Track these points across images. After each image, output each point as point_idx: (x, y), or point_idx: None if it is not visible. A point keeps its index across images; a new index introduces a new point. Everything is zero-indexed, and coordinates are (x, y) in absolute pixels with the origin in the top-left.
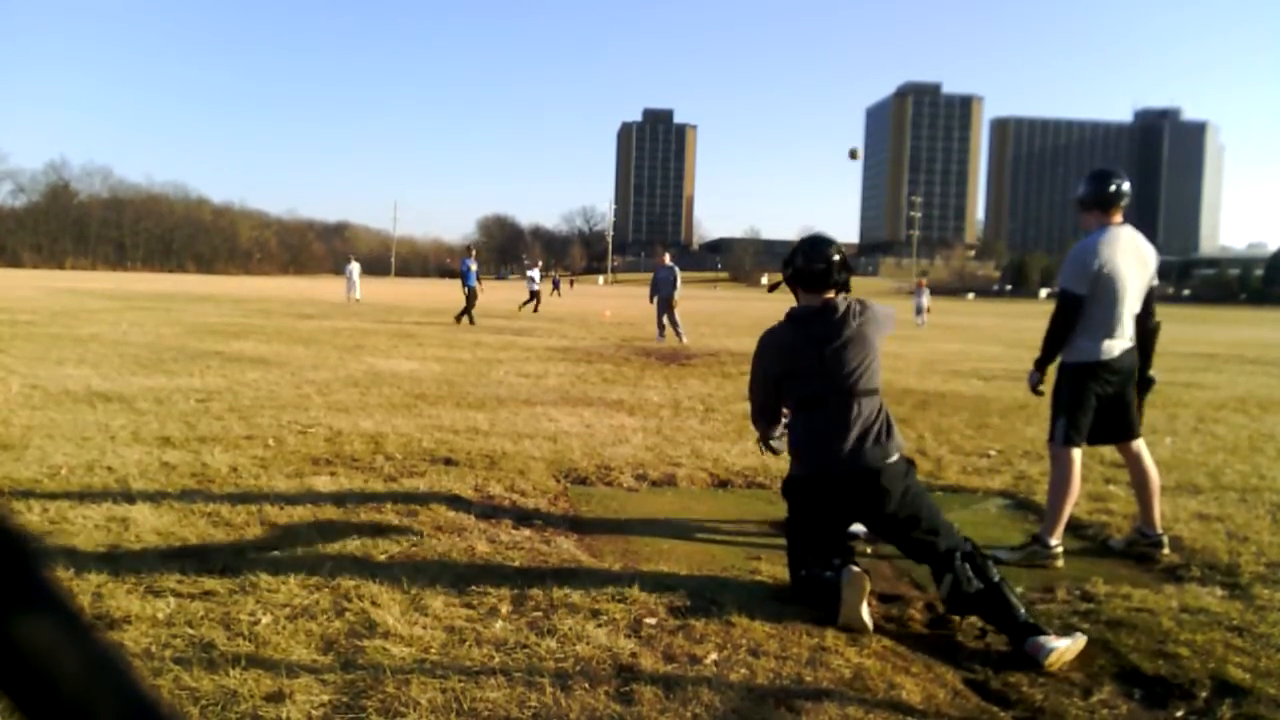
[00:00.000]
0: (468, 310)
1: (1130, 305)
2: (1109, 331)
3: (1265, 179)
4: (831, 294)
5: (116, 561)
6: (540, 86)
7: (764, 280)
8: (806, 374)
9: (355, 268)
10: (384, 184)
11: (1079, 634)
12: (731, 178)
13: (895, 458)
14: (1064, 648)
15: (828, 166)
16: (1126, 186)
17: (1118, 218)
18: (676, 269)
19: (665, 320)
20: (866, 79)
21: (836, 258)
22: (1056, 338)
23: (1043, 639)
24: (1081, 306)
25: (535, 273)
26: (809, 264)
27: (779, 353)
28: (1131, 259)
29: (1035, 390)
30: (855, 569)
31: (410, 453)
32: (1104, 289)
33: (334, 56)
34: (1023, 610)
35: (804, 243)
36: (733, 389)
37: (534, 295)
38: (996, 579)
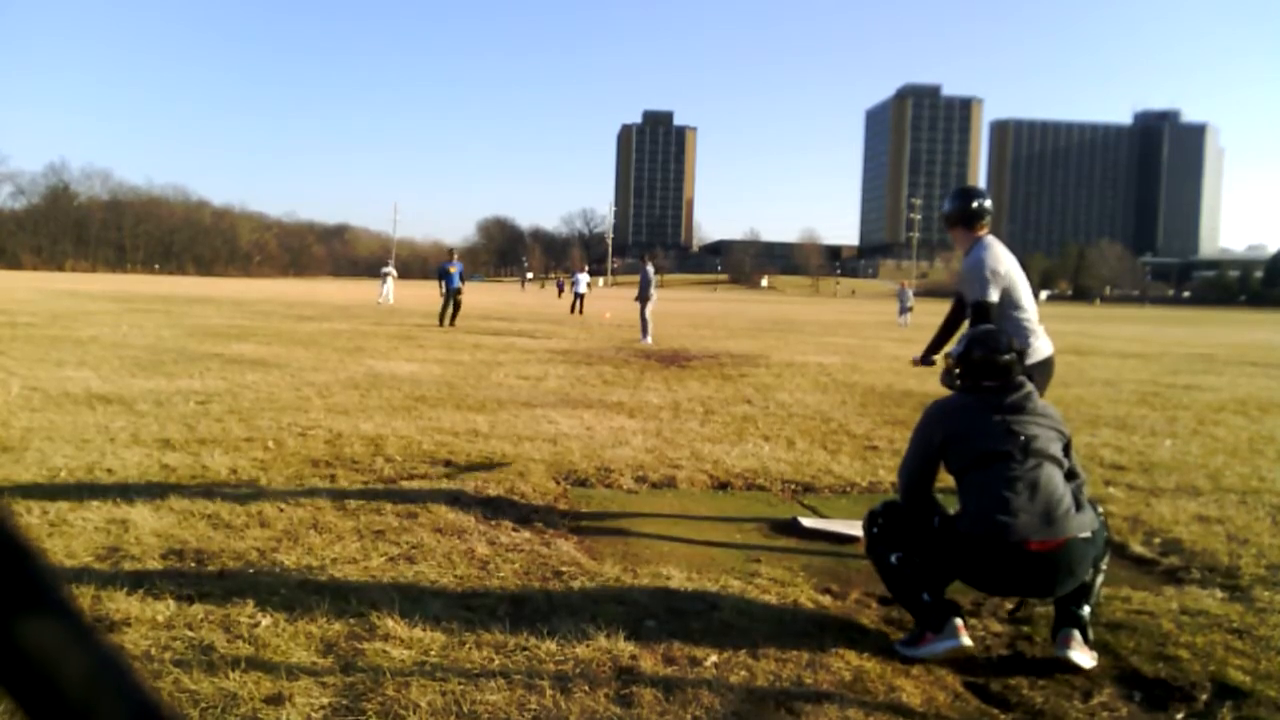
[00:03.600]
0: (443, 311)
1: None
2: (1037, 331)
3: (1265, 181)
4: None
5: (116, 564)
6: (540, 89)
7: (764, 282)
8: (981, 434)
9: (391, 272)
10: (384, 186)
11: (1095, 657)
12: (731, 180)
13: (1089, 533)
14: (1080, 661)
15: (828, 168)
16: (988, 204)
17: (982, 232)
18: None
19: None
20: (866, 81)
21: (1013, 354)
22: (951, 334)
23: (1074, 642)
24: (992, 312)
25: (583, 276)
26: (991, 355)
27: (945, 417)
28: (1015, 263)
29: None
30: (967, 640)
31: (410, 455)
32: (1010, 292)
33: (334, 58)
34: (1089, 608)
35: (978, 335)
36: (732, 391)
37: (578, 298)
38: (1104, 566)
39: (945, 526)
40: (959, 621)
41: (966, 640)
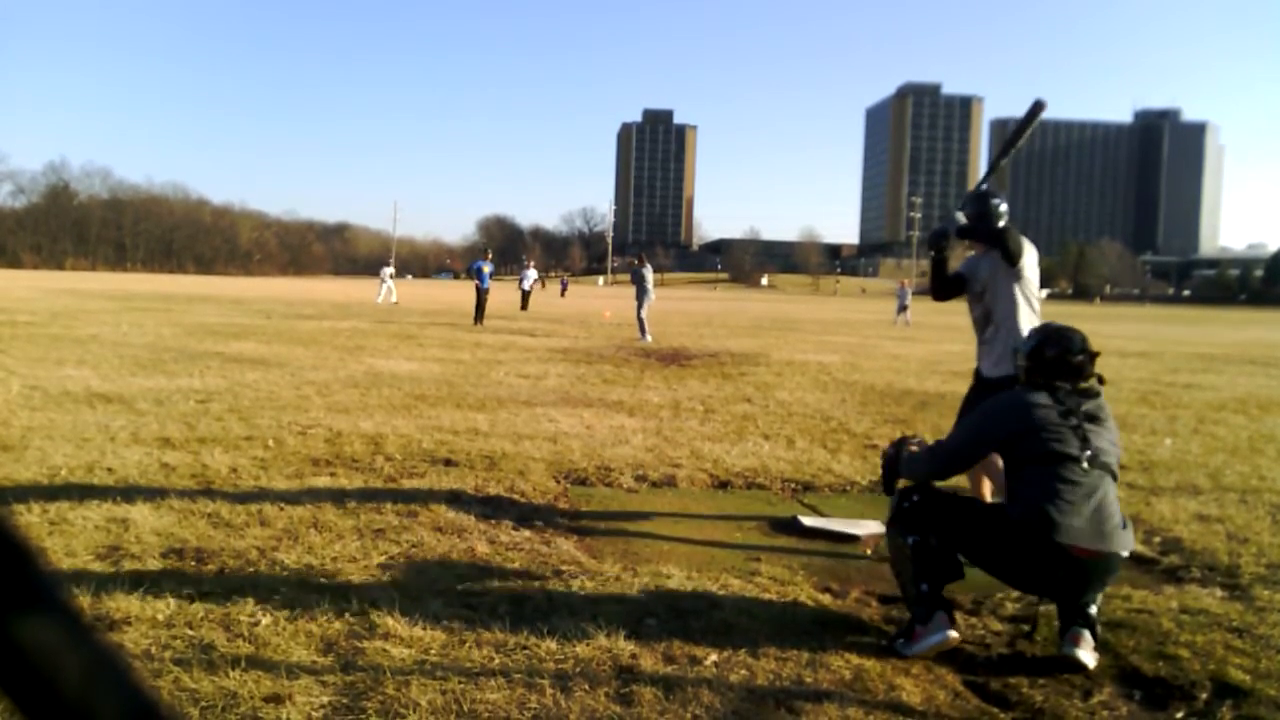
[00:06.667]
0: (478, 310)
1: None
2: None
3: (1265, 179)
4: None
5: (116, 562)
6: (540, 87)
7: (764, 281)
8: (1052, 433)
9: (389, 271)
10: (384, 185)
11: (1097, 656)
12: (731, 178)
13: (1128, 552)
14: (1088, 661)
15: (828, 167)
16: (1005, 207)
17: None
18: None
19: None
20: (867, 79)
21: (1086, 354)
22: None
23: (1084, 641)
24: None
25: (530, 273)
26: (1064, 355)
27: (1021, 412)
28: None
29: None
30: (954, 633)
31: (410, 454)
32: (1031, 290)
33: (334, 57)
34: (1093, 607)
35: (1050, 332)
36: (732, 390)
37: (525, 294)
38: None
39: (994, 513)
40: (944, 615)
41: (954, 633)
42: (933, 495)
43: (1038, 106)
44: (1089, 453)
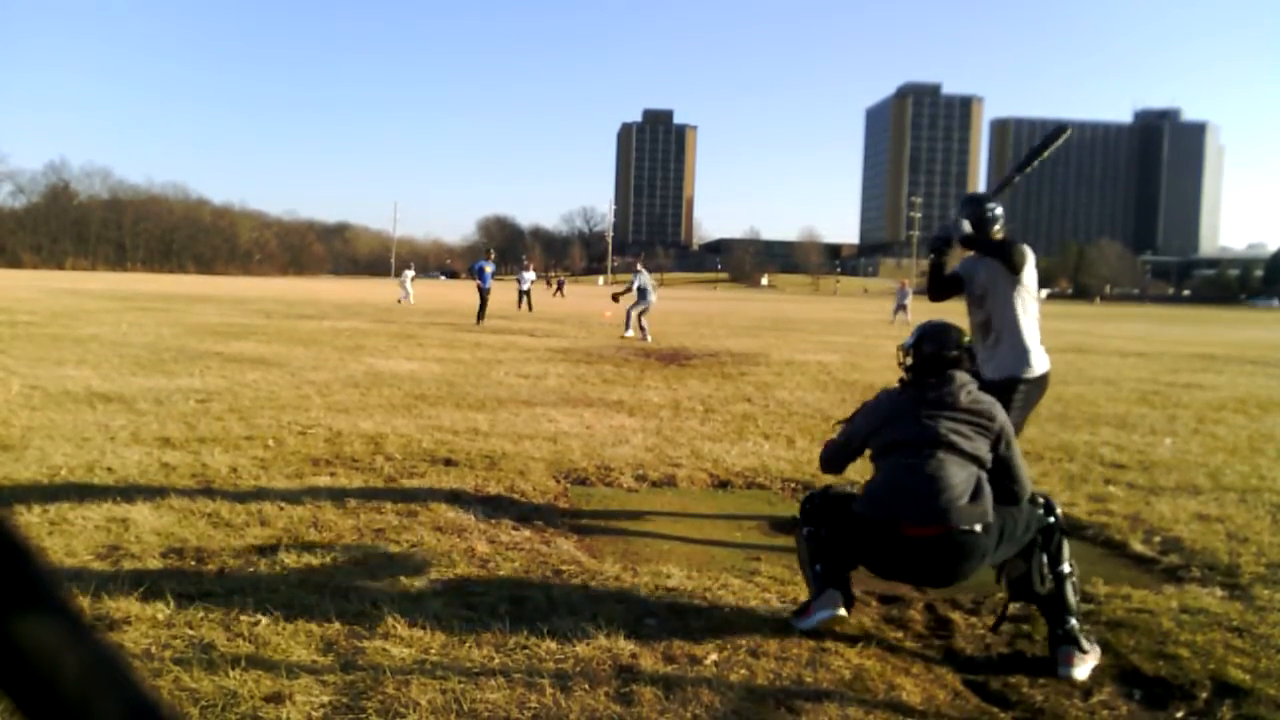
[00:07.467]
0: (480, 309)
1: None
2: (1037, 344)
3: (1265, 179)
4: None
5: (116, 562)
6: (540, 87)
7: (764, 281)
8: (897, 426)
9: (410, 274)
10: (384, 185)
11: (1097, 648)
12: (731, 178)
13: (976, 527)
14: (1081, 677)
15: (828, 167)
16: (1000, 211)
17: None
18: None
19: (634, 317)
20: (867, 79)
21: (965, 340)
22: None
23: (1075, 659)
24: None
25: (528, 275)
26: (941, 350)
27: (880, 411)
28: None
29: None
30: (843, 610)
31: (410, 453)
32: (1031, 293)
33: (333, 56)
34: (1074, 619)
35: (928, 329)
36: (732, 389)
37: (523, 294)
38: (1066, 570)
39: (847, 508)
40: (837, 593)
41: (841, 610)
42: (825, 495)
43: (1060, 131)
44: (924, 434)
